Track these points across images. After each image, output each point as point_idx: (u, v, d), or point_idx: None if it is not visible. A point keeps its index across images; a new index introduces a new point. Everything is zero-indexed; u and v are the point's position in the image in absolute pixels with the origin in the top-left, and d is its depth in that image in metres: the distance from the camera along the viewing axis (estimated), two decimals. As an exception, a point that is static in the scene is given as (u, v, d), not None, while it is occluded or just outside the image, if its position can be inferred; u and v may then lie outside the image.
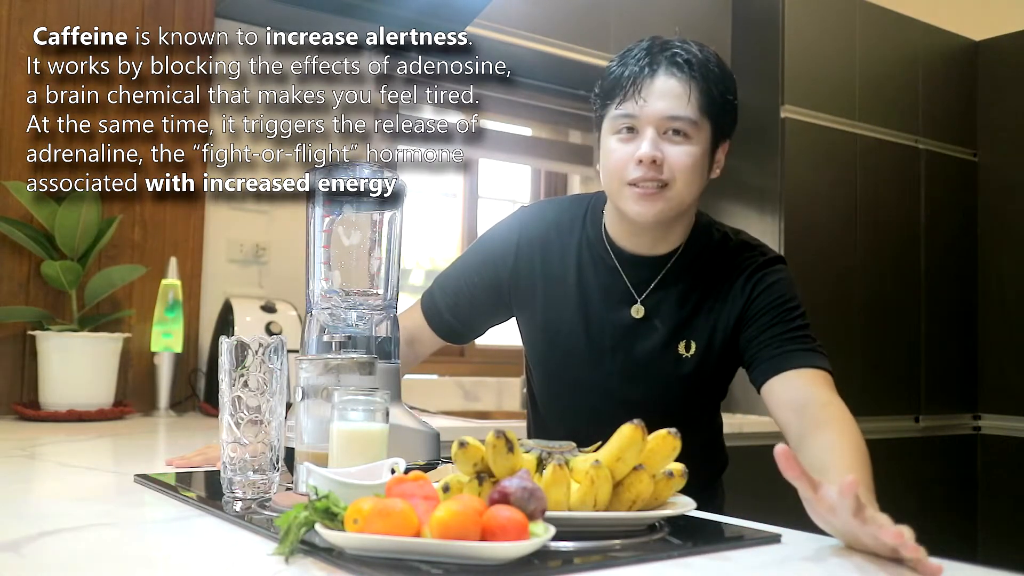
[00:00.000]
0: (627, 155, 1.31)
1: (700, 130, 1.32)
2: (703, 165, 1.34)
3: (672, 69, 1.31)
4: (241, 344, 1.05)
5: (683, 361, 1.38)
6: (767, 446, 1.55)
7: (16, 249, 2.18)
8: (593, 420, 1.31)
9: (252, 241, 2.58)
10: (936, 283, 3.48)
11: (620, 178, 1.32)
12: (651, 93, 1.30)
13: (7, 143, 2.20)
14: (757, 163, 3.12)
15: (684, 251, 1.40)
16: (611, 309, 1.40)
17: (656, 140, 1.30)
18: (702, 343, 1.38)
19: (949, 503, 3.43)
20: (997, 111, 3.62)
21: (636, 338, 1.39)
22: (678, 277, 1.39)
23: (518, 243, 1.47)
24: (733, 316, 1.37)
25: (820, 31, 3.20)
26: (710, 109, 1.33)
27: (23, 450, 1.56)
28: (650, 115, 1.30)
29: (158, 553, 0.85)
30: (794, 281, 1.41)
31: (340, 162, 1.17)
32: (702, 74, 1.32)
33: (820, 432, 1.19)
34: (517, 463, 0.89)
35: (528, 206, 1.55)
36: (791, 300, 1.36)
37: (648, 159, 1.29)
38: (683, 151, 1.31)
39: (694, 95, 1.31)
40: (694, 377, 1.39)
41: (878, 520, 0.84)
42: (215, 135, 2.53)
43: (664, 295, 1.38)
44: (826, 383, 1.28)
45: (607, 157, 1.35)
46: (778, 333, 1.32)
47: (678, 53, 1.32)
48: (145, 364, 2.34)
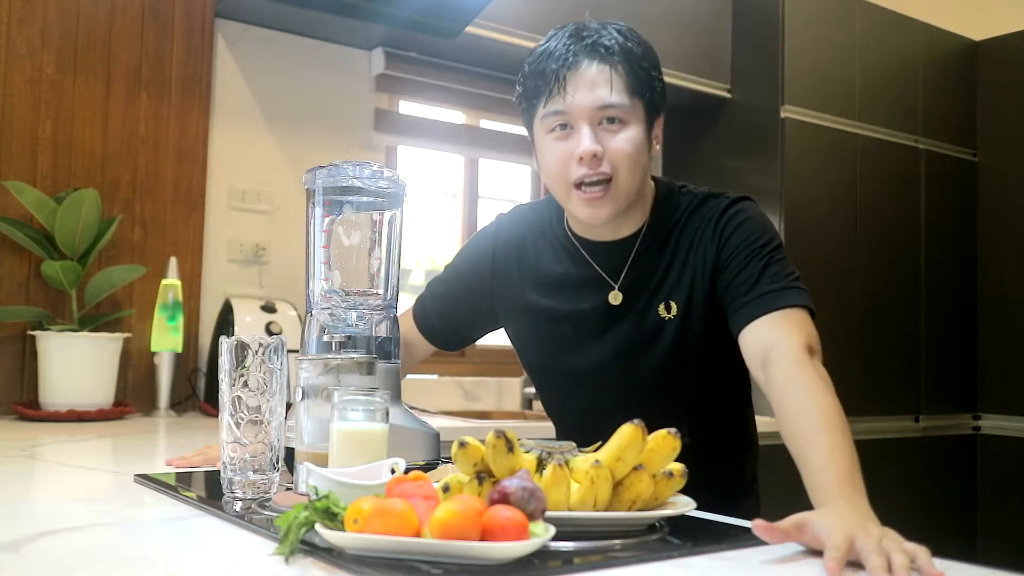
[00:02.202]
0: (566, 153, 1.28)
1: (633, 113, 1.28)
2: (644, 147, 1.30)
3: (593, 57, 1.28)
4: (241, 344, 1.05)
5: (668, 324, 1.34)
6: (767, 446, 1.54)
7: (16, 249, 2.19)
8: (596, 414, 1.30)
9: (252, 241, 2.58)
10: (936, 283, 3.48)
11: (564, 180, 1.29)
12: (576, 85, 1.27)
13: (7, 143, 2.20)
14: (757, 163, 3.12)
15: (650, 227, 1.37)
16: (590, 299, 1.38)
17: (592, 133, 1.26)
18: (682, 300, 1.33)
19: (949, 503, 3.43)
20: (997, 111, 3.62)
21: (620, 320, 1.36)
22: (650, 252, 1.36)
23: (494, 249, 1.48)
24: (708, 266, 1.32)
25: (820, 31, 3.20)
26: (639, 89, 1.29)
27: (23, 450, 1.56)
28: (580, 108, 1.26)
29: (158, 553, 0.85)
30: (762, 214, 1.35)
31: (340, 162, 1.17)
32: (624, 56, 1.28)
33: (783, 404, 1.11)
34: (517, 463, 0.89)
35: (504, 213, 1.55)
36: (760, 237, 1.30)
37: (588, 155, 1.25)
38: (622, 139, 1.27)
39: (621, 79, 1.27)
40: (683, 341, 1.34)
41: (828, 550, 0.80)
42: (215, 135, 2.53)
43: (639, 273, 1.36)
44: (792, 324, 1.20)
45: (545, 158, 1.32)
46: (747, 278, 1.26)
47: (597, 40, 1.29)
48: (145, 364, 2.34)
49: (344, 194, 1.15)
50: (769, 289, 1.24)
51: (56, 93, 2.27)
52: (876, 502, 0.93)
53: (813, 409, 1.06)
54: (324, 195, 1.15)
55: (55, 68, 2.27)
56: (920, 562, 0.80)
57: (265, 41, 2.63)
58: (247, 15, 2.55)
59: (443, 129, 3.02)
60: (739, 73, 3.23)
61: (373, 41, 2.76)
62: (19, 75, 2.22)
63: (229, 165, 2.56)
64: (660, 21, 2.99)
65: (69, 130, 2.29)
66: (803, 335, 1.18)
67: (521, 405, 3.02)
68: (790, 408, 1.09)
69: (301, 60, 2.69)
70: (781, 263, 1.28)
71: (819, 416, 1.05)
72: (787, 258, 1.30)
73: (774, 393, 1.14)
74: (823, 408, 1.06)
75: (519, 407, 3.02)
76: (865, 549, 0.81)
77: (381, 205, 1.17)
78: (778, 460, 1.22)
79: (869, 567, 0.79)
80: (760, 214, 1.36)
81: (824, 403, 1.07)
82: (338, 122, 2.76)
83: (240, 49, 2.59)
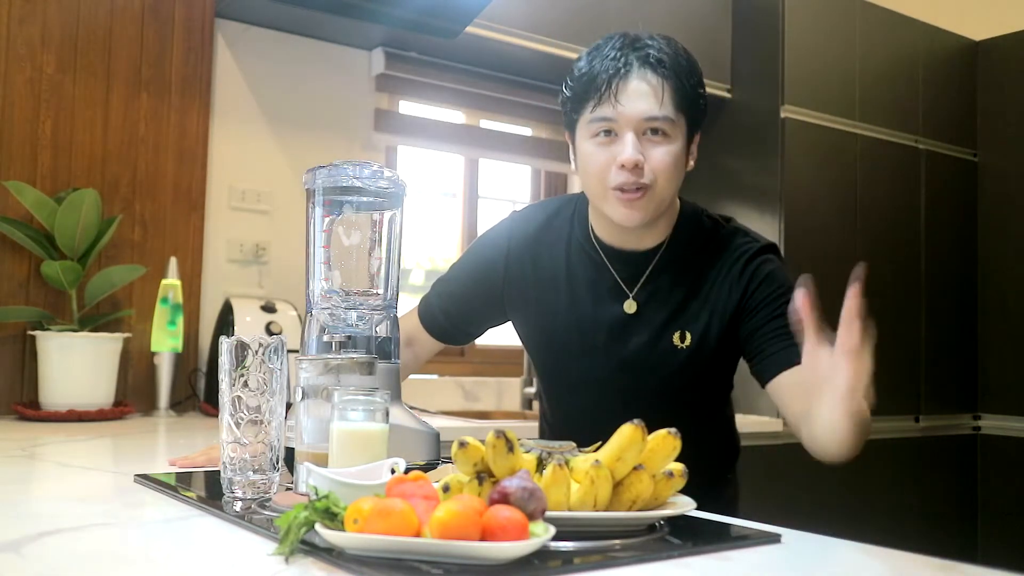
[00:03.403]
0: (607, 159, 1.31)
1: (677, 127, 1.32)
2: (682, 161, 1.34)
3: (645, 68, 1.30)
4: (241, 344, 1.05)
5: (679, 352, 1.37)
6: (767, 446, 1.55)
7: (16, 249, 2.18)
8: (597, 418, 1.31)
9: (252, 241, 2.58)
10: (936, 283, 3.48)
11: (602, 183, 1.32)
12: (626, 95, 1.30)
13: (7, 143, 2.20)
14: (757, 163, 3.12)
15: (671, 242, 1.40)
16: (603, 306, 1.39)
17: (636, 142, 1.29)
18: (697, 333, 1.37)
19: (949, 503, 3.43)
20: (997, 111, 3.62)
21: (630, 333, 1.38)
22: (668, 269, 1.39)
23: (508, 248, 1.49)
24: (731, 305, 1.36)
25: (820, 31, 3.20)
26: (684, 105, 1.32)
27: (23, 450, 1.56)
28: (628, 117, 1.30)
29: (158, 553, 0.85)
30: (786, 267, 1.41)
31: (340, 162, 1.17)
32: (674, 71, 1.31)
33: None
34: (517, 463, 0.89)
35: (519, 211, 1.56)
36: (790, 290, 1.33)
37: (631, 163, 1.29)
38: (663, 151, 1.30)
39: (669, 93, 1.30)
40: (692, 368, 1.38)
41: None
42: (215, 135, 2.53)
43: (656, 288, 1.38)
44: None
45: (586, 161, 1.35)
46: (782, 326, 1.30)
47: (650, 52, 1.31)
48: (145, 364, 2.34)
49: (344, 194, 1.15)
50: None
51: (56, 93, 2.27)
52: (876, 502, 0.93)
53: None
54: (324, 195, 1.15)
55: (55, 68, 2.27)
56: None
57: (265, 41, 2.63)
58: (247, 15, 2.55)
59: (443, 129, 3.02)
60: (739, 73, 3.23)
61: (373, 41, 2.76)
62: (19, 75, 2.22)
63: (229, 165, 2.56)
64: (660, 21, 2.99)
65: (69, 130, 2.29)
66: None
67: (521, 405, 3.02)
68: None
69: (301, 60, 2.69)
70: None
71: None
72: None
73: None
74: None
75: (519, 407, 3.02)
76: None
77: (381, 205, 1.17)
78: (757, 457, 1.24)
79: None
80: (785, 267, 1.41)
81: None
82: (338, 122, 2.76)
83: (240, 49, 2.59)
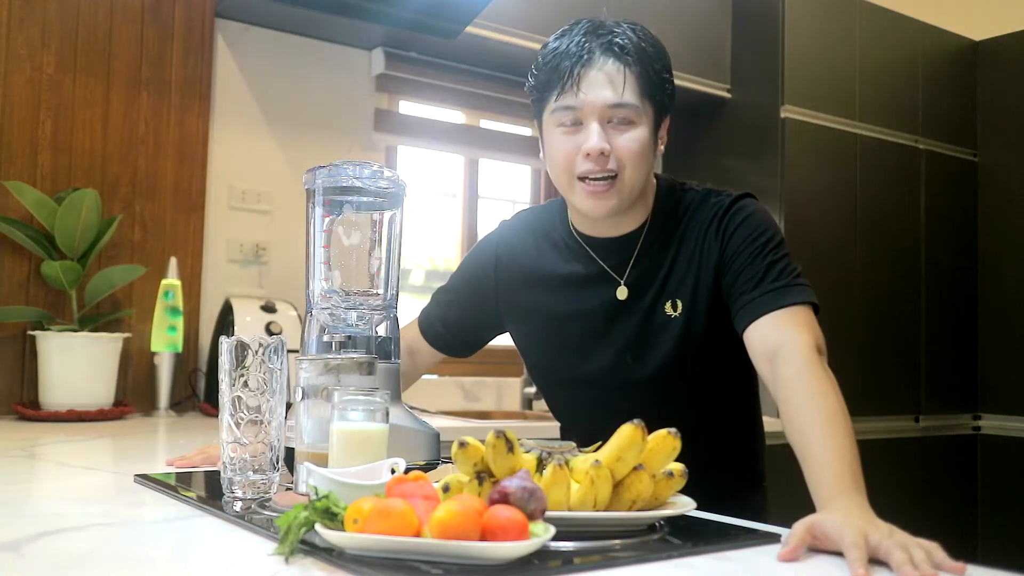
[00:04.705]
0: (573, 148, 1.29)
1: (643, 114, 1.30)
2: (650, 147, 1.32)
3: (608, 56, 1.29)
4: (241, 344, 1.05)
5: (672, 321, 1.34)
6: (776, 446, 1.54)
7: (16, 249, 2.18)
8: (607, 413, 1.30)
9: (252, 241, 2.58)
10: (936, 283, 3.48)
11: (568, 172, 1.31)
12: (590, 83, 1.28)
13: (7, 143, 2.20)
14: (757, 163, 3.12)
15: (652, 222, 1.38)
16: (596, 295, 1.39)
17: (601, 130, 1.28)
18: (687, 299, 1.34)
19: (949, 503, 3.43)
20: (997, 111, 3.62)
21: (626, 316, 1.37)
22: (654, 247, 1.37)
23: (497, 255, 1.50)
24: (712, 264, 1.33)
25: (820, 31, 3.20)
26: (650, 91, 1.30)
27: (23, 450, 1.56)
28: (592, 105, 1.28)
29: (158, 553, 0.85)
30: (763, 211, 1.36)
31: (340, 162, 1.17)
32: (638, 57, 1.29)
33: (789, 403, 1.11)
34: (517, 463, 0.89)
35: (508, 218, 1.56)
36: (763, 234, 1.31)
37: (596, 152, 1.27)
38: (629, 138, 1.29)
39: (633, 80, 1.28)
40: (688, 338, 1.34)
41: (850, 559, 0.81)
42: (215, 135, 2.53)
43: (644, 269, 1.37)
44: (798, 322, 1.21)
45: (552, 151, 1.33)
46: (751, 275, 1.27)
47: (613, 39, 1.30)
48: (145, 364, 2.34)
49: (344, 194, 1.15)
50: (773, 287, 1.25)
51: (56, 93, 2.27)
52: (876, 502, 0.93)
53: (819, 409, 1.07)
54: (324, 195, 1.15)
55: (55, 68, 2.27)
56: (938, 558, 0.81)
57: (265, 41, 2.63)
58: (247, 15, 2.55)
59: (443, 129, 3.02)
60: (739, 73, 3.23)
61: (373, 41, 2.76)
62: (19, 75, 2.22)
63: (229, 165, 2.56)
64: (660, 21, 2.99)
65: (69, 130, 2.29)
66: (811, 335, 1.19)
67: (521, 405, 3.02)
68: (796, 407, 1.10)
69: (301, 60, 2.69)
70: (784, 260, 1.29)
71: (824, 416, 1.06)
72: (790, 254, 1.31)
73: (780, 392, 1.15)
74: (829, 409, 1.07)
75: (519, 407, 3.02)
76: (884, 545, 0.81)
77: (381, 205, 1.17)
78: (785, 459, 1.21)
79: (894, 562, 0.79)
80: (762, 210, 1.36)
81: (830, 404, 1.08)
82: (338, 122, 2.76)
83: (240, 49, 2.59)
